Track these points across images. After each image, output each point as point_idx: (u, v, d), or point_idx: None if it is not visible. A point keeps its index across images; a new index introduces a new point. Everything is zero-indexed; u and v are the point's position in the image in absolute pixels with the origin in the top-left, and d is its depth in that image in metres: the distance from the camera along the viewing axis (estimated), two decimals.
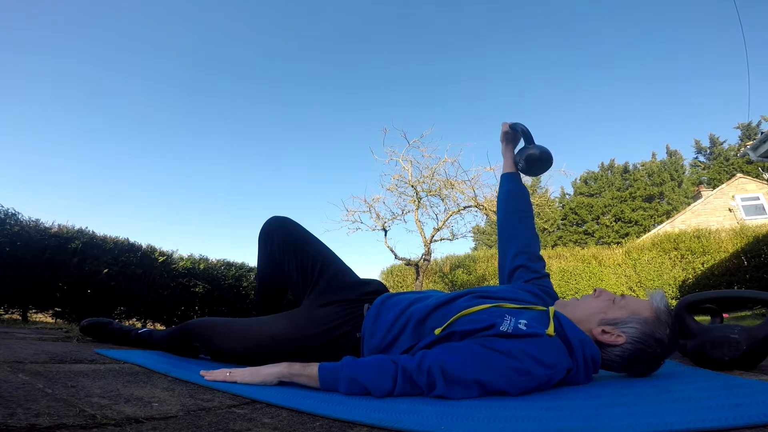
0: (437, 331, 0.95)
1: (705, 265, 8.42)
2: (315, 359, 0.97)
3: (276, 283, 1.39)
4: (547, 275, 1.25)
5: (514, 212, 1.31)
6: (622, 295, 1.06)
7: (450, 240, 8.90)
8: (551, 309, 1.00)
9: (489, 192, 8.32)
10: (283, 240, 1.29)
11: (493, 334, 0.90)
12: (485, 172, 8.34)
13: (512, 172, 1.36)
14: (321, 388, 0.89)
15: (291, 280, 1.31)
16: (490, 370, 0.85)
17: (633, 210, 24.81)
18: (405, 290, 10.35)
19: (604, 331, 0.98)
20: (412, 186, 8.59)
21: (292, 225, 1.33)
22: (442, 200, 8.73)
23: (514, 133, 1.36)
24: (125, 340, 1.52)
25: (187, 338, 1.26)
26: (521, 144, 1.35)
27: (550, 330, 0.92)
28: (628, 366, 1.00)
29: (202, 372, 0.97)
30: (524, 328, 0.91)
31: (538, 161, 1.25)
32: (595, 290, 1.09)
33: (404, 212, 8.95)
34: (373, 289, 1.23)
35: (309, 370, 0.91)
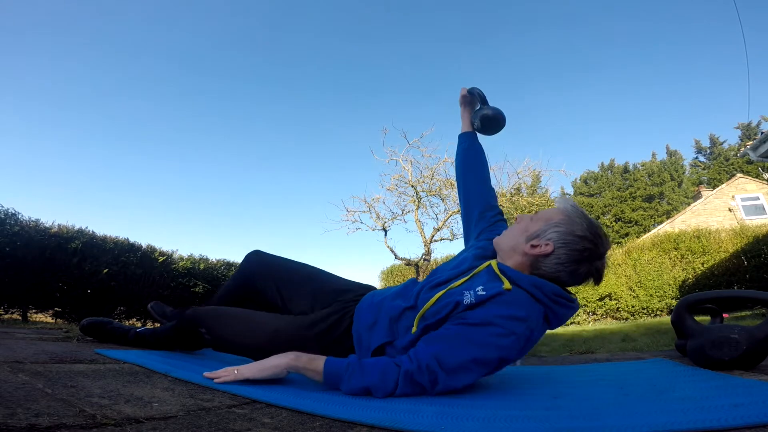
0: (413, 330, 0.97)
1: (705, 265, 8.42)
2: (316, 352, 0.99)
3: (243, 302, 1.40)
4: (498, 220, 1.29)
5: (472, 168, 1.38)
6: (536, 212, 1.11)
7: (450, 240, 8.93)
8: (493, 263, 1.03)
9: None
10: (270, 278, 1.32)
11: (461, 310, 0.93)
12: None
13: (469, 132, 1.43)
14: (324, 384, 0.91)
15: (275, 305, 1.34)
16: (478, 345, 0.88)
17: (633, 210, 24.81)
18: None
19: (532, 246, 1.01)
20: (412, 186, 8.59)
21: (273, 263, 1.36)
22: (442, 200, 8.74)
23: (471, 97, 1.42)
24: (125, 339, 1.52)
25: (194, 325, 1.25)
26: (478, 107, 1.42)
27: (507, 284, 0.95)
28: (574, 273, 1.00)
29: (206, 374, 0.96)
30: (484, 292, 0.94)
31: (492, 120, 1.33)
32: (516, 218, 1.12)
33: (404, 212, 8.96)
34: (364, 290, 1.25)
35: (315, 365, 0.92)
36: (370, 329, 1.06)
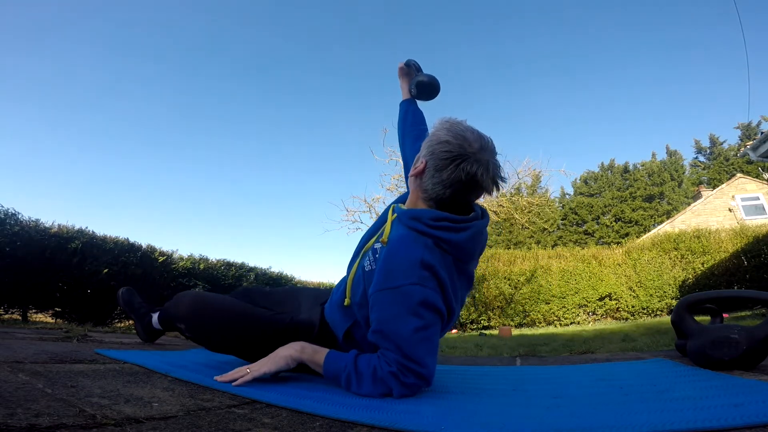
0: (346, 302, 1.01)
1: (705, 265, 8.41)
2: (303, 339, 1.03)
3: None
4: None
5: (412, 131, 1.43)
6: None
7: None
8: (392, 207, 1.06)
9: None
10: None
11: (369, 277, 0.95)
12: None
13: (408, 99, 1.51)
14: (325, 378, 0.95)
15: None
16: (406, 312, 0.87)
17: (633, 210, 24.81)
18: None
19: (414, 169, 1.01)
20: None
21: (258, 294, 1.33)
22: None
23: (408, 69, 1.52)
24: (144, 322, 1.59)
25: (170, 323, 1.25)
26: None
27: (384, 237, 0.97)
28: (443, 182, 0.95)
29: (218, 377, 0.93)
30: (368, 267, 0.97)
31: (427, 86, 1.42)
32: None
33: None
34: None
35: (317, 358, 0.94)
36: (333, 314, 1.09)
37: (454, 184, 0.94)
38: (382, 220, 1.11)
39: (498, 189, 0.98)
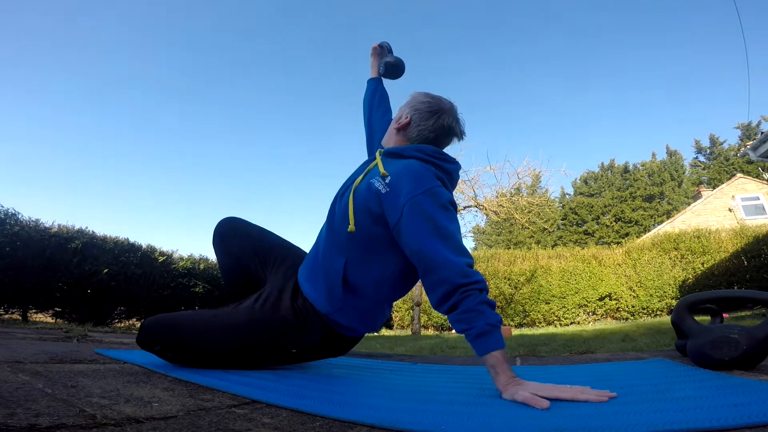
0: (350, 228, 1.07)
1: (705, 265, 8.41)
2: (292, 331, 1.10)
3: (244, 280, 1.37)
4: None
5: (378, 106, 1.60)
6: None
7: None
8: (380, 151, 1.22)
9: (489, 192, 8.33)
10: (240, 240, 1.36)
11: (384, 197, 1.05)
12: (485, 172, 8.35)
13: (375, 77, 1.66)
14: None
15: (255, 274, 1.36)
16: (442, 218, 0.99)
17: (633, 210, 24.81)
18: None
19: (398, 123, 1.23)
20: None
21: (243, 224, 1.40)
22: None
23: (381, 49, 1.66)
24: None
25: (149, 345, 1.09)
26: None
27: (383, 171, 1.08)
28: (427, 128, 1.20)
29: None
30: (383, 190, 1.06)
31: (394, 66, 1.57)
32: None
33: None
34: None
35: (505, 366, 0.88)
36: (326, 262, 1.12)
37: (437, 129, 1.21)
38: (363, 166, 1.27)
39: (463, 137, 1.28)
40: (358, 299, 1.10)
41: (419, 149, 1.16)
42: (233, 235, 1.36)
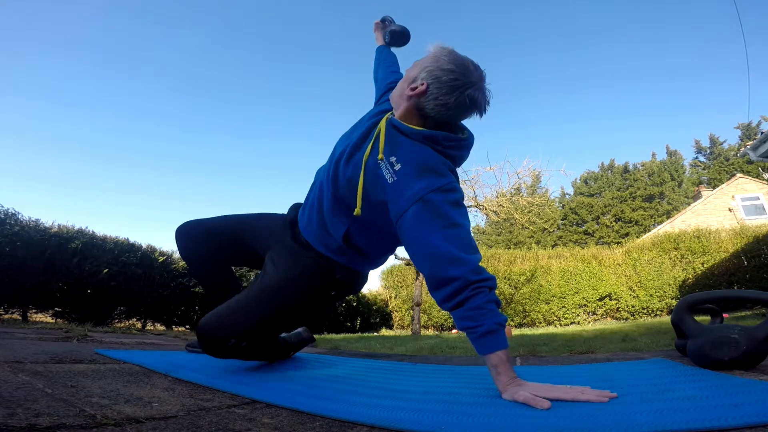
0: (357, 212, 1.07)
1: (705, 265, 8.41)
2: (324, 274, 1.16)
3: (222, 277, 1.41)
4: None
5: (389, 64, 1.59)
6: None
7: None
8: (386, 117, 1.12)
9: (489, 192, 8.32)
10: (203, 244, 1.34)
11: (392, 187, 1.01)
12: (485, 172, 8.33)
13: (383, 45, 1.68)
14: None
15: (234, 262, 1.41)
16: (452, 211, 0.97)
17: (633, 210, 24.80)
18: (405, 290, 10.35)
19: (411, 89, 1.07)
20: None
21: (196, 227, 1.37)
22: None
23: (383, 24, 1.72)
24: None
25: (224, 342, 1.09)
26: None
27: (392, 158, 1.03)
28: (447, 104, 1.04)
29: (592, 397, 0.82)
30: (390, 180, 1.01)
31: (400, 34, 1.62)
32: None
33: None
34: (292, 215, 1.32)
35: (507, 366, 0.89)
36: (324, 231, 1.15)
37: (458, 107, 1.05)
38: (367, 125, 1.16)
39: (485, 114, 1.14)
40: (364, 256, 1.19)
41: (431, 138, 1.05)
42: (197, 243, 1.34)
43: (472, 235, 1.03)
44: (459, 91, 1.03)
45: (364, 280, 1.31)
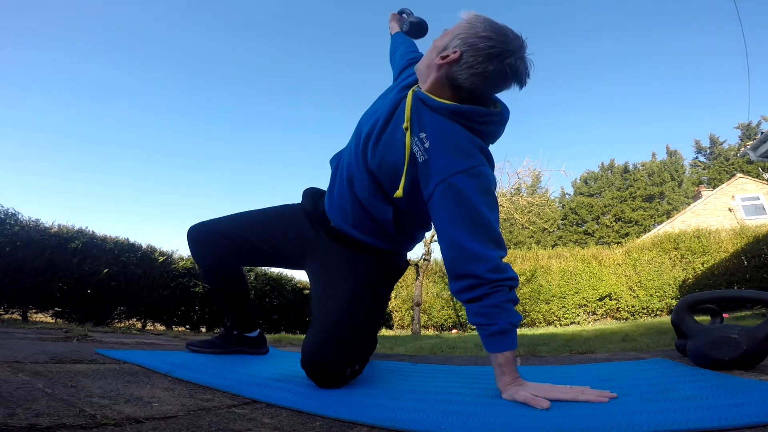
0: (399, 193, 1.00)
1: (705, 265, 8.41)
2: (386, 262, 1.14)
3: (233, 276, 1.37)
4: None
5: (411, 45, 1.57)
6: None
7: None
8: (412, 90, 1.05)
9: None
10: (221, 251, 1.28)
11: (423, 167, 0.95)
12: None
13: (401, 32, 1.66)
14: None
15: (251, 263, 1.36)
16: (472, 215, 0.90)
17: (633, 210, 24.79)
18: (405, 290, 10.34)
19: (442, 57, 0.98)
20: None
21: (213, 231, 1.30)
22: None
23: (401, 16, 1.73)
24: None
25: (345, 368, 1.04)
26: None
27: (405, 123, 0.99)
28: (484, 73, 0.96)
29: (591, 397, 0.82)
30: (420, 158, 0.96)
31: (418, 25, 1.60)
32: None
33: None
34: (314, 193, 1.28)
35: (512, 367, 0.88)
36: (366, 218, 1.10)
37: (497, 76, 0.97)
38: (393, 102, 1.07)
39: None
40: (409, 238, 1.18)
41: (459, 113, 0.97)
42: (215, 246, 1.28)
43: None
44: (498, 59, 0.95)
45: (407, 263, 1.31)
